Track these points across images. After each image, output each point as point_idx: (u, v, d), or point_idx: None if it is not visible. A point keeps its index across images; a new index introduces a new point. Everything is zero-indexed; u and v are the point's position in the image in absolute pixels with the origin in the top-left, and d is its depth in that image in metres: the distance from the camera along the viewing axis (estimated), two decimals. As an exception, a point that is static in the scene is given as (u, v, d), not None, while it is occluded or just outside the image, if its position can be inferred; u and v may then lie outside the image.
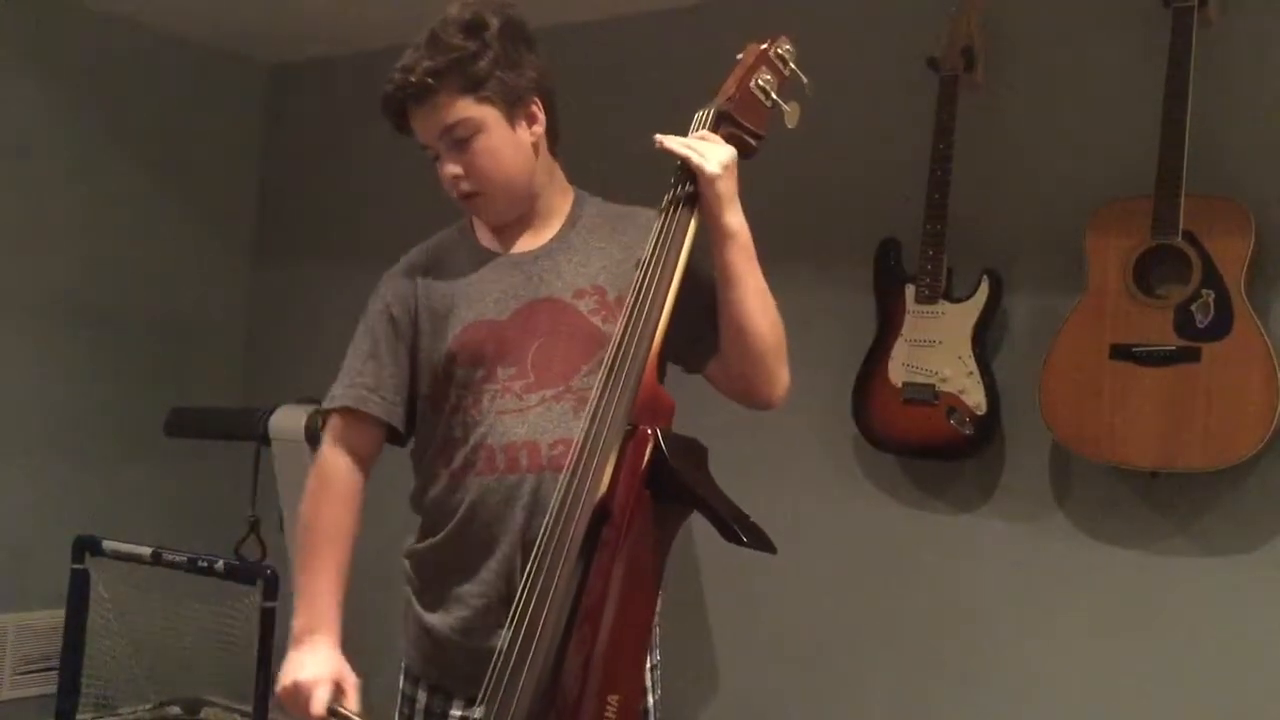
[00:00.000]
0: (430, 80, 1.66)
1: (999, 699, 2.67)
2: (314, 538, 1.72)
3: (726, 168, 1.58)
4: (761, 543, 1.40)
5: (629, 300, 1.53)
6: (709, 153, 1.58)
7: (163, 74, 3.91)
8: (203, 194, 4.06)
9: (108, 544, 3.13)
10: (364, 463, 1.76)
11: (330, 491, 1.74)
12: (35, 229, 3.61)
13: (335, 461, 1.75)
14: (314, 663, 1.63)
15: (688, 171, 1.60)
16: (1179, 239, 2.35)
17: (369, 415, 1.74)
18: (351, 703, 1.61)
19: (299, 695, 1.61)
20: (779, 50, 1.69)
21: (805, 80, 1.70)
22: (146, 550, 3.08)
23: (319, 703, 1.58)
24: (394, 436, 1.80)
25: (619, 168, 1.84)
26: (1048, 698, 2.61)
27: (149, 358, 3.88)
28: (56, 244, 3.66)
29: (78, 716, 3.24)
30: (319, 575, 1.69)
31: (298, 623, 1.68)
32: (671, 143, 1.59)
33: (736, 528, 1.40)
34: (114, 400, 3.77)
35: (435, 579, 1.74)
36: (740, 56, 1.69)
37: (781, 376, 1.71)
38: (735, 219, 1.61)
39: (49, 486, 3.62)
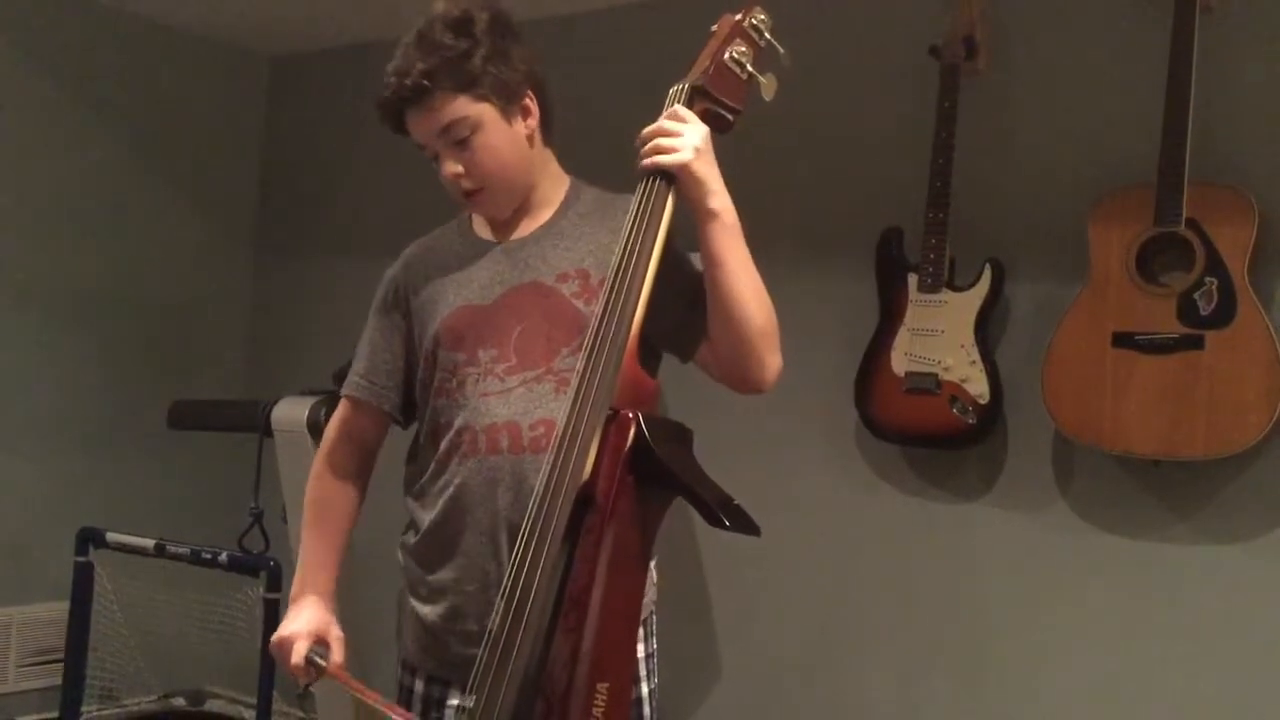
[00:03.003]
0: (426, 81, 1.67)
1: (1001, 687, 2.68)
2: (312, 511, 1.85)
3: (699, 150, 1.54)
4: (745, 526, 1.38)
5: (606, 283, 1.52)
6: (682, 140, 1.54)
7: (164, 66, 3.91)
8: (204, 186, 4.06)
9: (111, 536, 3.13)
10: (362, 444, 1.87)
11: (328, 469, 1.86)
12: (36, 223, 3.61)
13: (334, 442, 1.87)
14: (300, 619, 1.75)
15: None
16: (1182, 226, 2.35)
17: (355, 399, 1.85)
18: (336, 656, 1.73)
19: (279, 648, 1.75)
20: (753, 20, 1.64)
21: (781, 51, 1.66)
22: (150, 542, 3.08)
23: (298, 653, 1.71)
24: (393, 419, 1.88)
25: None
26: (1050, 686, 2.61)
27: (151, 350, 3.88)
28: (57, 237, 3.66)
29: (82, 709, 3.24)
30: (315, 544, 1.83)
31: (294, 587, 1.81)
32: (646, 159, 1.55)
33: (719, 511, 1.37)
34: (117, 393, 3.78)
35: (426, 568, 1.76)
36: (714, 29, 1.66)
37: (772, 361, 1.66)
38: (717, 200, 1.57)
39: (52, 479, 3.63)
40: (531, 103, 1.75)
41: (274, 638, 1.76)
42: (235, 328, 4.17)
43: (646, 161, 1.55)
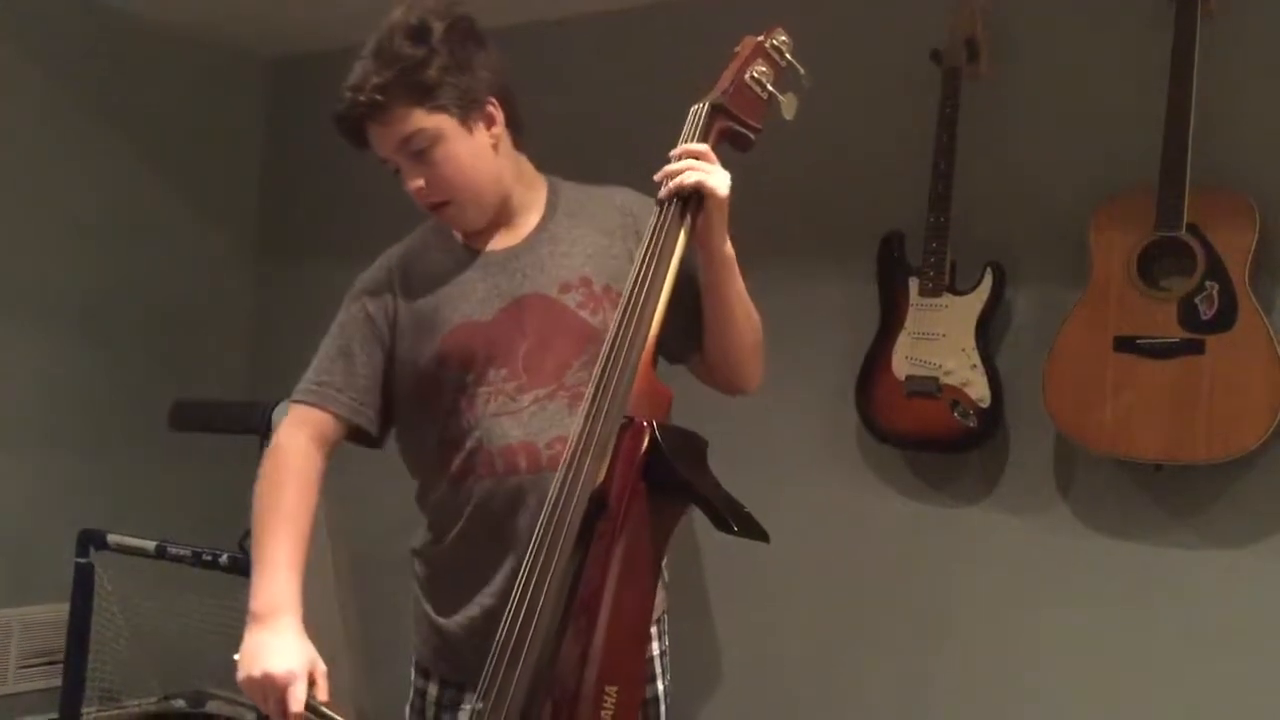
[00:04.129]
0: (379, 96, 1.64)
1: (1001, 690, 2.68)
2: (273, 516, 1.63)
3: (730, 190, 1.60)
4: (754, 532, 1.41)
5: (625, 293, 1.53)
6: (721, 176, 1.59)
7: (164, 69, 3.91)
8: (205, 188, 4.06)
9: (112, 537, 3.13)
10: (322, 450, 1.72)
11: (289, 472, 1.67)
12: (38, 225, 3.61)
13: (293, 445, 1.69)
14: (284, 651, 1.52)
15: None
16: (1183, 231, 2.35)
17: (331, 412, 1.72)
18: (321, 693, 1.51)
19: (271, 689, 1.50)
20: (774, 42, 1.69)
21: (802, 71, 1.70)
22: (151, 544, 3.08)
23: (297, 701, 1.48)
24: (361, 436, 1.76)
25: (620, 163, 1.84)
26: (1050, 689, 2.61)
27: (152, 352, 3.88)
28: (59, 239, 3.66)
29: (82, 710, 3.24)
30: (280, 551, 1.59)
31: (258, 600, 1.56)
32: (683, 179, 1.57)
33: (729, 517, 1.40)
34: (118, 394, 3.78)
35: (444, 580, 1.75)
36: (737, 49, 1.70)
37: (758, 370, 1.82)
38: (727, 239, 1.65)
39: (53, 480, 3.63)
40: (495, 109, 1.71)
41: (256, 673, 1.50)
42: (237, 330, 4.17)
43: (692, 180, 1.56)
